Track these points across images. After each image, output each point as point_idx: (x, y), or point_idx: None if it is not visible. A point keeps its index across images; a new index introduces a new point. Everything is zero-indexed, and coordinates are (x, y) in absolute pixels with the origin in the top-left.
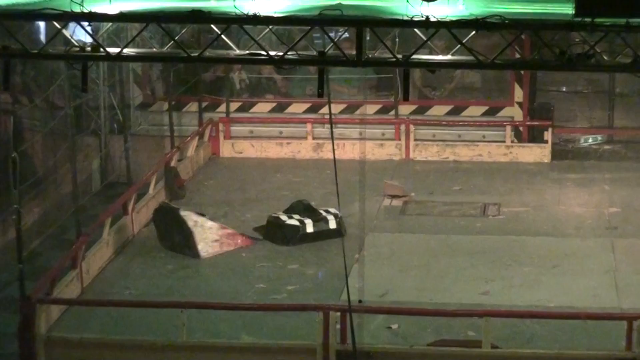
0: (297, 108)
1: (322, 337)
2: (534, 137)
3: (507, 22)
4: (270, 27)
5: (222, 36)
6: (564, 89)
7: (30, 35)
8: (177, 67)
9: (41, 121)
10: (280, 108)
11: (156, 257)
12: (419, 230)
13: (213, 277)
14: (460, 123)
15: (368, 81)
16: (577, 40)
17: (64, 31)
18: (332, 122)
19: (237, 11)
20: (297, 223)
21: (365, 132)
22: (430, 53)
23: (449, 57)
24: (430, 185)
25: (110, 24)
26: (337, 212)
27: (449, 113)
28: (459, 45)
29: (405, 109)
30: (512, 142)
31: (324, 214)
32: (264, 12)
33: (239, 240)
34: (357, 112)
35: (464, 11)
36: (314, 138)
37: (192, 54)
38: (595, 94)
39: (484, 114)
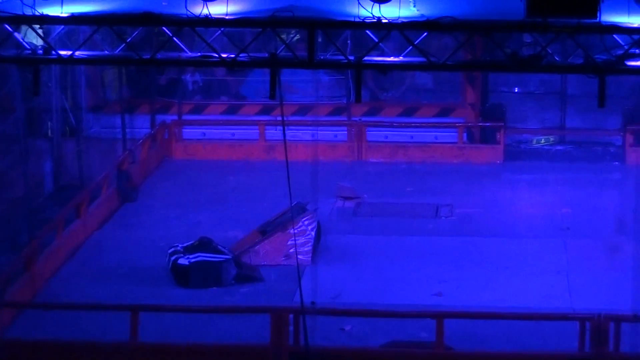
0: (250, 110)
1: (274, 339)
2: (486, 138)
3: (458, 23)
4: (222, 29)
5: (174, 38)
6: (517, 90)
7: None
8: (129, 69)
9: None
10: (232, 110)
11: (109, 260)
12: (371, 232)
13: (165, 280)
14: (413, 125)
15: (320, 83)
16: (528, 41)
17: (16, 34)
18: (284, 124)
19: (188, 13)
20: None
21: (317, 134)
22: (383, 54)
23: (400, 58)
24: (383, 186)
25: (62, 26)
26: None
27: (401, 114)
28: (410, 47)
29: (357, 111)
30: (464, 143)
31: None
32: (215, 14)
33: None
34: (310, 114)
35: (416, 13)
36: (266, 140)
37: (144, 57)
38: (547, 95)
39: (436, 115)
